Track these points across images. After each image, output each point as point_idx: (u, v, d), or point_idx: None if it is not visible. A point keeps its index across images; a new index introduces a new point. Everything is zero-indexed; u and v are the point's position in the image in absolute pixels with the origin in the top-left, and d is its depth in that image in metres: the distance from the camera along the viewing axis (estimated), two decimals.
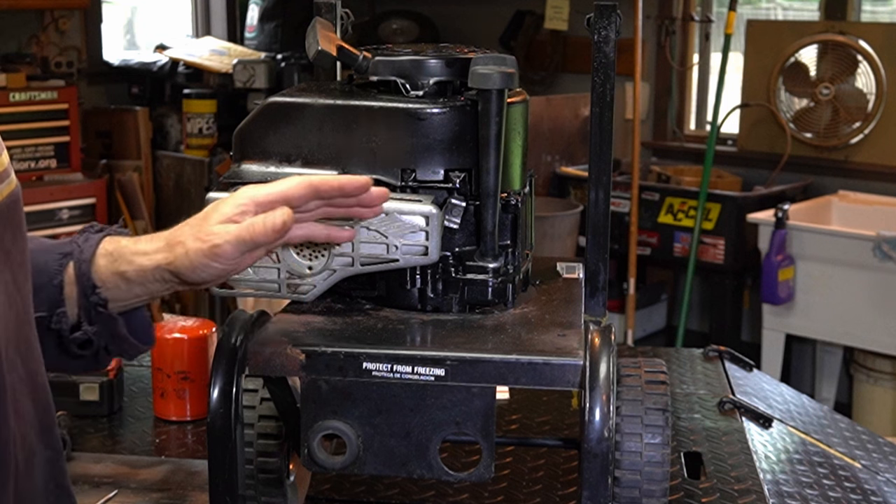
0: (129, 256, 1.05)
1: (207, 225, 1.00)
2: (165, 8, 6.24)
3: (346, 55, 1.13)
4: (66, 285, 1.06)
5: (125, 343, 1.09)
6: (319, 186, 1.00)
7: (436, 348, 1.02)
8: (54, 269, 1.06)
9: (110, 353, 1.09)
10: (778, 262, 3.96)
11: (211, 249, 0.99)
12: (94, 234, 1.09)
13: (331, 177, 1.03)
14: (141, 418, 1.67)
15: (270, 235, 0.98)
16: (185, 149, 5.11)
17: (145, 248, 1.05)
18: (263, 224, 0.97)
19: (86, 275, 1.05)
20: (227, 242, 0.98)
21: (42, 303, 1.05)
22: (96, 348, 1.07)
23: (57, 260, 1.06)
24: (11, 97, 4.46)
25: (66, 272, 1.06)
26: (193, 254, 1.00)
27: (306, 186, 1.00)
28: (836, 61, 4.39)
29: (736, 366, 1.95)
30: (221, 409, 1.02)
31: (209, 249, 0.99)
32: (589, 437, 0.98)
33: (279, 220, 0.97)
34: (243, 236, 0.98)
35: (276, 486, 1.19)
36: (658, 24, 5.08)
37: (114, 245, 1.07)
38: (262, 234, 0.98)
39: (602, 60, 1.12)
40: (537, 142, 4.56)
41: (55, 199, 4.55)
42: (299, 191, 1.00)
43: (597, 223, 1.16)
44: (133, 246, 1.06)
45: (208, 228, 1.00)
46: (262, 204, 1.00)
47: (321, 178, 1.02)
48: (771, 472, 1.51)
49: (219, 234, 0.99)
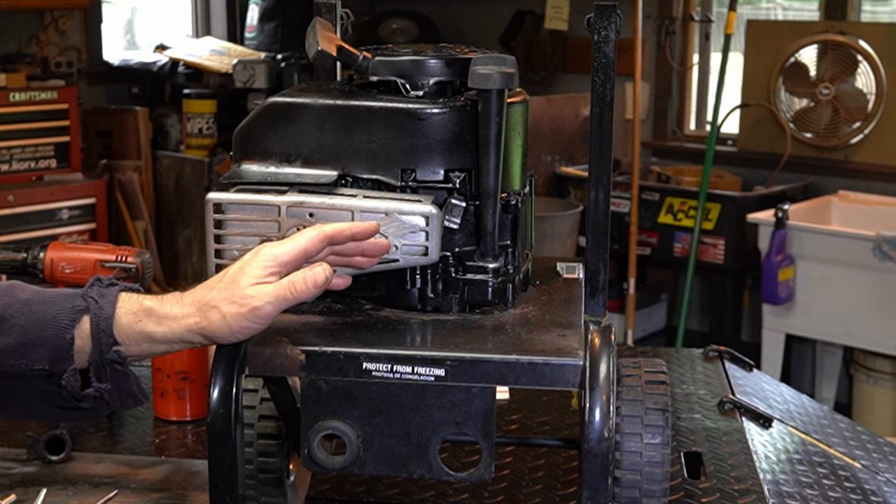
0: (158, 318, 1.04)
1: (239, 289, 1.01)
2: (165, 8, 6.24)
3: (346, 55, 1.13)
4: (79, 339, 1.04)
5: (130, 399, 1.08)
6: (334, 237, 1.04)
7: (436, 348, 1.02)
8: (64, 324, 1.04)
9: (109, 406, 1.08)
10: (778, 262, 3.96)
11: (251, 312, 1.00)
12: (106, 289, 1.07)
13: (341, 225, 1.05)
14: (141, 418, 1.67)
15: (313, 292, 1.01)
16: (185, 149, 5.11)
17: (175, 313, 1.04)
18: (305, 282, 1.01)
19: (105, 332, 1.03)
20: (268, 304, 1.00)
21: (43, 357, 1.04)
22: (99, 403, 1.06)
23: (68, 314, 1.04)
24: (11, 97, 4.46)
25: (79, 327, 1.04)
26: (232, 318, 1.01)
27: (322, 239, 1.03)
28: (836, 61, 4.39)
29: (736, 366, 1.95)
30: (221, 409, 1.02)
31: (249, 313, 1.00)
32: (589, 437, 0.98)
33: (321, 277, 1.01)
34: (285, 296, 1.01)
35: (276, 486, 1.19)
36: (658, 24, 5.08)
37: (137, 306, 1.05)
38: (305, 292, 1.01)
39: (602, 60, 1.12)
40: (537, 142, 4.56)
41: (55, 199, 4.56)
42: (316, 244, 1.03)
43: (597, 223, 1.16)
44: (160, 308, 1.04)
45: (243, 292, 1.01)
46: (285, 264, 1.02)
47: (333, 227, 1.04)
48: (771, 472, 1.51)
49: (257, 296, 1.00)
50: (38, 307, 1.05)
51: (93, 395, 1.05)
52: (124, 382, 1.06)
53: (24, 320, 1.04)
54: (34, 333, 1.03)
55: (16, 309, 1.05)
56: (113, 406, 1.08)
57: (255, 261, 1.02)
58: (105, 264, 1.56)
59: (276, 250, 1.02)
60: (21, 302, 1.06)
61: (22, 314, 1.05)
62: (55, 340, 1.03)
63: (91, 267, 1.56)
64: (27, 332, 1.03)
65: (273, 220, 1.08)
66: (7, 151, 4.50)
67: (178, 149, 5.18)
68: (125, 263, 1.56)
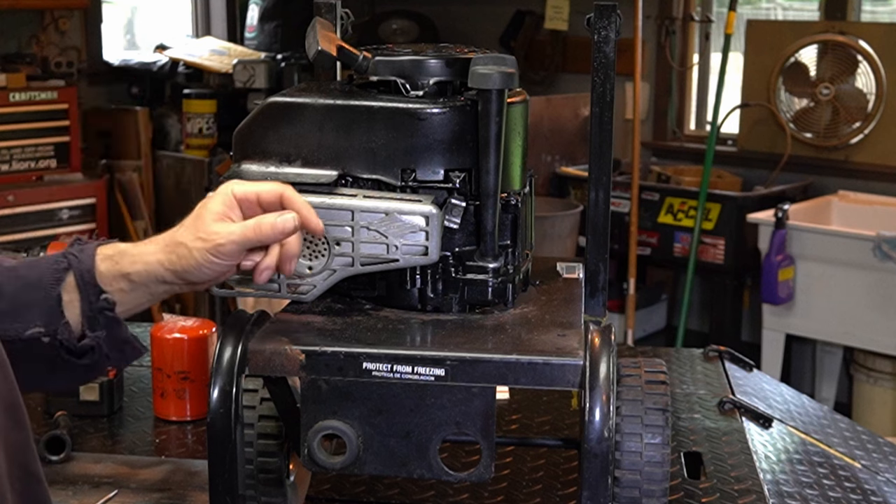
0: (131, 258, 1.07)
1: (204, 224, 1.04)
2: (165, 8, 6.24)
3: (346, 55, 1.13)
4: (66, 295, 1.06)
5: (127, 346, 1.09)
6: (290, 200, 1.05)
7: (436, 348, 1.02)
8: (50, 283, 1.06)
9: (109, 360, 1.09)
10: (778, 262, 3.96)
11: (215, 248, 1.03)
12: (86, 245, 1.10)
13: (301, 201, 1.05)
14: (141, 418, 1.67)
15: (277, 237, 1.03)
16: (185, 149, 5.10)
17: (146, 250, 1.07)
18: (272, 226, 1.02)
19: (90, 282, 1.06)
20: (232, 242, 1.03)
21: (36, 318, 1.05)
22: (98, 356, 1.07)
23: (52, 274, 1.07)
24: (11, 97, 4.46)
25: (65, 283, 1.06)
26: (198, 252, 1.03)
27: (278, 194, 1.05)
28: (836, 61, 4.39)
29: (736, 366, 1.95)
30: (221, 409, 1.02)
31: (213, 248, 1.03)
32: (589, 437, 0.98)
33: (289, 224, 1.03)
34: (248, 236, 1.03)
35: (276, 486, 1.19)
36: (658, 24, 5.08)
37: (112, 250, 1.09)
38: (270, 235, 1.03)
39: (602, 60, 1.12)
40: (537, 142, 4.55)
41: (55, 199, 4.56)
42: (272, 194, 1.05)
43: (597, 223, 1.16)
44: (133, 249, 1.08)
45: (208, 228, 1.04)
46: (240, 199, 1.05)
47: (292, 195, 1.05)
48: (771, 472, 1.51)
49: (222, 233, 1.03)
50: (24, 271, 1.08)
51: (89, 346, 1.06)
52: (118, 330, 1.07)
53: (11, 286, 1.06)
54: (23, 297, 1.05)
55: (3, 277, 1.07)
56: (113, 359, 1.09)
57: (216, 197, 1.05)
58: None
59: (234, 187, 1.05)
60: (7, 269, 1.08)
61: (9, 281, 1.07)
62: (45, 301, 1.06)
63: None
64: (17, 297, 1.06)
65: None
66: (7, 151, 4.50)
67: (178, 149, 5.18)
68: None
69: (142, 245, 1.08)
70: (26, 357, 1.03)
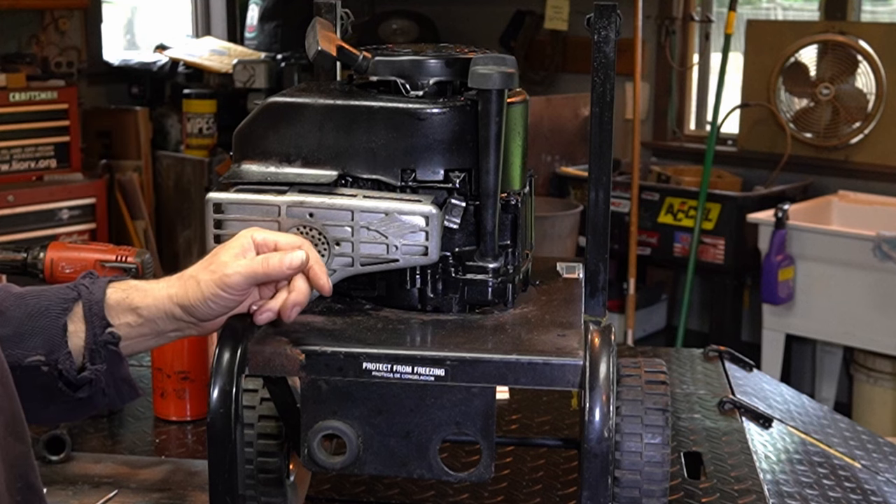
0: (143, 292, 1.08)
1: (217, 259, 1.05)
2: (165, 8, 6.24)
3: (346, 55, 1.13)
4: (72, 325, 1.06)
5: (125, 386, 1.09)
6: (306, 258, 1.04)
7: (436, 348, 1.02)
8: (56, 312, 1.06)
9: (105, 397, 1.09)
10: (778, 262, 3.96)
11: (221, 279, 1.03)
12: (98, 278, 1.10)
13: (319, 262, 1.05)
14: (141, 418, 1.67)
15: (286, 273, 1.03)
16: (185, 149, 5.11)
17: (157, 286, 1.08)
18: (280, 261, 1.02)
19: (97, 314, 1.06)
20: (238, 274, 1.02)
21: (39, 346, 1.05)
22: (95, 390, 1.07)
23: (59, 303, 1.07)
24: (11, 97, 4.46)
25: (72, 313, 1.06)
26: (205, 284, 1.04)
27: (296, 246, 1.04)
28: (836, 61, 4.39)
29: (736, 366, 1.95)
30: (221, 409, 1.02)
31: (219, 279, 1.03)
32: (589, 437, 0.98)
33: (297, 260, 1.03)
34: (256, 269, 1.03)
35: (276, 486, 1.19)
36: (658, 24, 5.08)
37: (125, 284, 1.10)
38: (278, 271, 1.02)
39: (602, 60, 1.12)
40: (537, 142, 4.55)
41: (55, 199, 4.56)
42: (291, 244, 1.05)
43: (597, 223, 1.16)
44: (145, 284, 1.09)
45: (219, 261, 1.04)
46: (259, 245, 1.05)
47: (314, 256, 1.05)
48: (771, 472, 1.51)
49: (230, 265, 1.03)
50: (32, 299, 1.08)
51: (88, 379, 1.06)
52: (118, 366, 1.07)
53: (18, 312, 1.06)
54: (29, 324, 1.05)
55: (11, 302, 1.07)
56: (109, 396, 1.08)
57: (235, 239, 1.06)
58: (105, 264, 1.56)
59: (255, 232, 1.06)
60: (15, 296, 1.08)
61: (17, 307, 1.07)
62: (49, 329, 1.06)
63: (91, 267, 1.56)
64: (22, 323, 1.06)
65: (273, 220, 1.08)
66: (7, 151, 4.50)
67: (178, 149, 5.18)
68: (125, 263, 1.56)
69: (154, 281, 1.09)
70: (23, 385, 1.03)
